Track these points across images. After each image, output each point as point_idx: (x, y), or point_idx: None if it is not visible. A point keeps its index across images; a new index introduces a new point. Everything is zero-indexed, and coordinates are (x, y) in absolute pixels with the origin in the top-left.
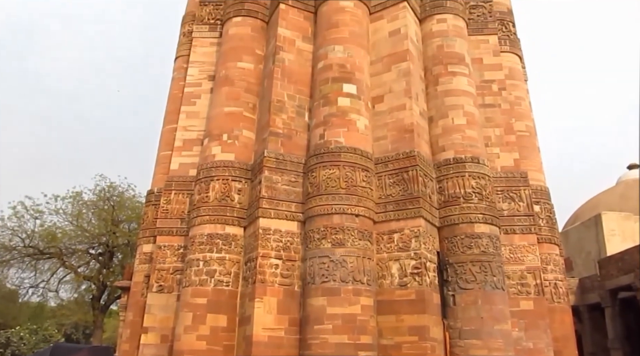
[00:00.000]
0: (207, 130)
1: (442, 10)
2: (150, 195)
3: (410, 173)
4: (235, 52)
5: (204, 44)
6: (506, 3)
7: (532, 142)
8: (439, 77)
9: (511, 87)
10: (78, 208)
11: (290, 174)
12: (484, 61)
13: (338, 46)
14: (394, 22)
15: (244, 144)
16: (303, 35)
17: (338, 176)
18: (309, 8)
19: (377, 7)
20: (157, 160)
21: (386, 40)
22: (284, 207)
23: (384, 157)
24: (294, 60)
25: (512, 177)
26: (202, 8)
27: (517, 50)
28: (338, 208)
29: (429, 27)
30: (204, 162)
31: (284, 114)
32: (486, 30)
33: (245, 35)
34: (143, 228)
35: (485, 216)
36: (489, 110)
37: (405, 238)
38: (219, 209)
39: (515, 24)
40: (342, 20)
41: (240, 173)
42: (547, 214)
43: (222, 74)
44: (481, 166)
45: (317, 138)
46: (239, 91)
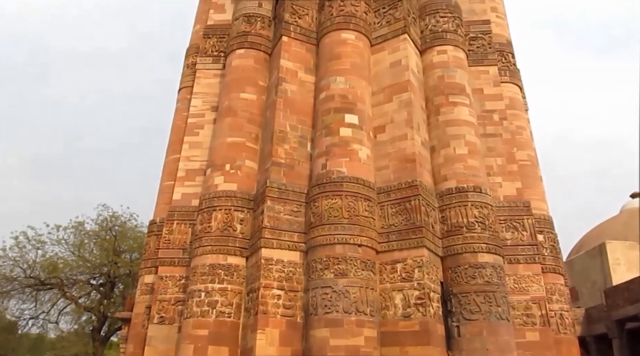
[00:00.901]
0: (210, 160)
1: (442, 42)
2: (152, 225)
3: (412, 203)
4: (238, 84)
5: (208, 76)
6: (505, 35)
7: (534, 171)
8: (440, 107)
9: (512, 117)
10: (80, 238)
11: (292, 204)
12: (484, 91)
13: (340, 77)
14: (395, 54)
15: (247, 174)
16: (305, 66)
17: (340, 206)
18: (311, 40)
19: (378, 39)
20: (160, 190)
21: (387, 71)
22: (286, 237)
23: (386, 187)
24: (296, 91)
25: (514, 206)
26: (206, 41)
27: (517, 80)
28: (340, 238)
29: (430, 58)
30: (207, 192)
31: (287, 144)
32: (486, 61)
33: (248, 66)
34: (145, 259)
35: (488, 245)
36: (490, 139)
37: (408, 268)
38: (221, 239)
39: (514, 55)
40: (343, 52)
41: (242, 203)
42: (551, 243)
43: (225, 105)
44: (484, 195)
45: (319, 168)
46: (242, 121)
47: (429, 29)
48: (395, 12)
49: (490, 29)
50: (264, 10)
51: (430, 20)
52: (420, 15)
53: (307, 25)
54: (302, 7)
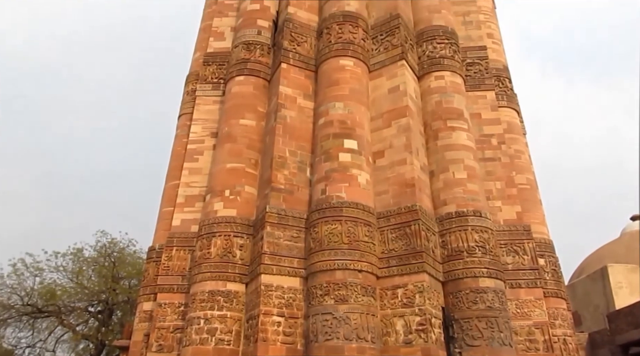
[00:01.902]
0: (209, 186)
1: (440, 67)
2: (151, 251)
3: (412, 228)
4: (237, 110)
5: (207, 102)
6: (501, 60)
7: (534, 194)
8: (439, 132)
9: (510, 141)
10: (79, 265)
11: (292, 229)
12: (482, 116)
13: (339, 103)
14: (393, 80)
15: (246, 200)
16: (304, 92)
17: (340, 231)
18: (310, 67)
19: (376, 65)
20: (159, 216)
21: (386, 97)
22: (286, 262)
23: (385, 212)
24: (296, 117)
25: (515, 230)
26: (206, 68)
27: (514, 105)
28: (341, 264)
29: (428, 83)
30: (206, 217)
31: (286, 170)
32: (483, 86)
33: (248, 93)
34: (144, 286)
35: (489, 270)
36: (489, 163)
37: (409, 293)
38: (221, 265)
39: (511, 80)
40: (342, 78)
41: (242, 229)
42: (553, 267)
43: (224, 131)
44: (484, 220)
45: (318, 194)
46: (241, 147)
47: (426, 55)
48: (392, 39)
49: (487, 55)
50: (263, 37)
51: (428, 46)
52: (418, 41)
53: (306, 52)
54: (301, 35)
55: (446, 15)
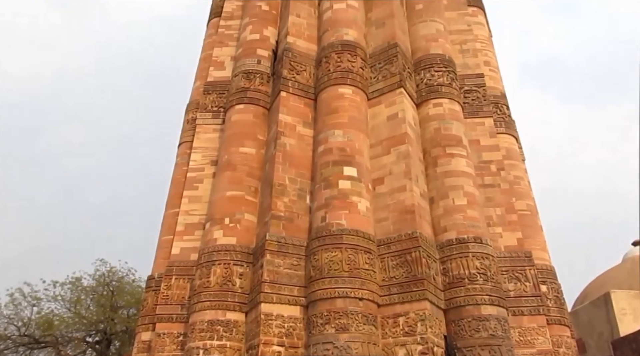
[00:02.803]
0: (209, 214)
1: (438, 95)
2: (150, 280)
3: (413, 255)
4: (237, 138)
5: (207, 130)
6: (499, 87)
7: (534, 220)
8: (438, 159)
9: (509, 167)
10: (77, 294)
11: (292, 257)
12: (481, 142)
13: (338, 130)
14: (391, 107)
15: (246, 228)
16: (304, 120)
17: (340, 259)
18: (309, 95)
19: (374, 93)
20: (159, 245)
21: (385, 124)
22: (286, 291)
23: (386, 239)
24: (295, 144)
25: (516, 257)
26: (206, 96)
27: (512, 131)
28: (341, 292)
29: (426, 111)
30: (206, 246)
31: (286, 197)
32: (481, 113)
33: (248, 121)
34: (142, 315)
35: (491, 297)
36: (489, 190)
37: (410, 322)
38: (220, 294)
39: (509, 107)
40: (341, 106)
41: (242, 257)
42: (555, 294)
43: (224, 159)
44: (484, 246)
45: (318, 221)
46: (241, 175)
47: (424, 83)
48: (390, 67)
49: (484, 82)
50: (262, 66)
51: (425, 74)
52: (415, 69)
53: (305, 81)
54: (300, 64)
55: (443, 44)
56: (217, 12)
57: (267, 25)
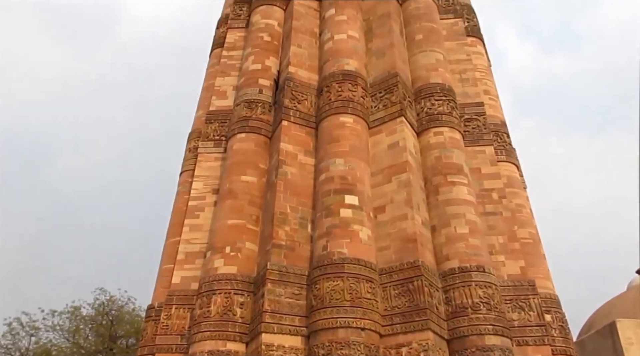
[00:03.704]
0: (210, 243)
1: (438, 123)
2: (150, 310)
3: (415, 284)
4: (239, 166)
5: (209, 159)
6: (499, 116)
7: (537, 249)
8: (439, 187)
9: (511, 195)
10: (76, 323)
11: (293, 286)
12: (482, 170)
13: (339, 159)
14: (392, 136)
15: (247, 256)
16: (305, 149)
17: (342, 288)
18: (310, 124)
19: (375, 122)
20: (159, 274)
21: (386, 153)
22: (287, 321)
23: (388, 268)
24: (296, 173)
25: (519, 286)
26: (208, 125)
27: (513, 159)
28: (343, 322)
29: (427, 139)
30: (206, 275)
31: (287, 226)
32: (482, 141)
33: (249, 150)
34: (142, 345)
35: (495, 327)
36: (490, 218)
37: (413, 352)
38: (221, 324)
39: (509, 135)
40: (342, 135)
41: (242, 287)
42: (560, 323)
43: (226, 187)
44: (487, 275)
45: (320, 250)
46: (243, 204)
47: (425, 112)
48: (391, 96)
49: (484, 111)
50: (264, 96)
51: (426, 103)
52: (416, 98)
53: (306, 110)
54: (301, 93)
55: (443, 73)
56: (219, 43)
57: (269, 55)
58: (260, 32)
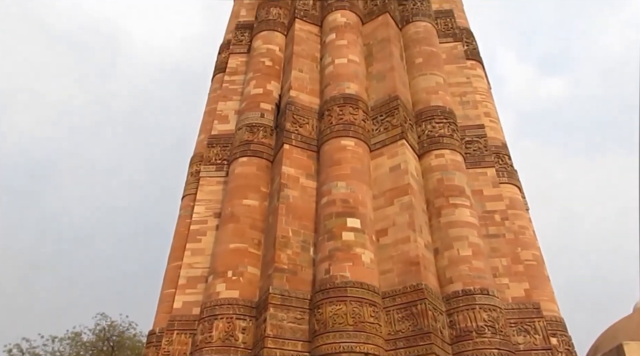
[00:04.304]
0: (212, 267)
1: (440, 146)
2: (151, 335)
3: (419, 308)
4: (240, 190)
5: (211, 183)
6: (500, 138)
7: (541, 271)
8: (441, 209)
9: (513, 217)
10: (76, 350)
11: (295, 311)
12: (484, 192)
13: (341, 182)
14: (394, 159)
15: (249, 281)
16: (307, 172)
17: (345, 312)
18: (312, 148)
19: (376, 145)
20: (161, 299)
21: (387, 176)
22: (289, 346)
23: (391, 291)
24: (298, 196)
25: (524, 308)
26: (210, 149)
27: (515, 181)
28: (346, 347)
29: (428, 161)
30: (208, 299)
31: (289, 250)
32: (483, 163)
33: (251, 174)
34: None
35: (500, 351)
36: (493, 240)
37: None
38: (223, 350)
39: (510, 157)
40: (344, 158)
41: (244, 311)
42: (566, 347)
43: (227, 211)
44: (491, 298)
45: (322, 273)
46: (245, 228)
47: (426, 134)
48: (392, 120)
49: (485, 133)
50: (266, 120)
51: (427, 126)
52: (417, 121)
53: (308, 133)
54: (303, 117)
55: (443, 96)
56: (221, 68)
57: (271, 79)
58: (261, 57)
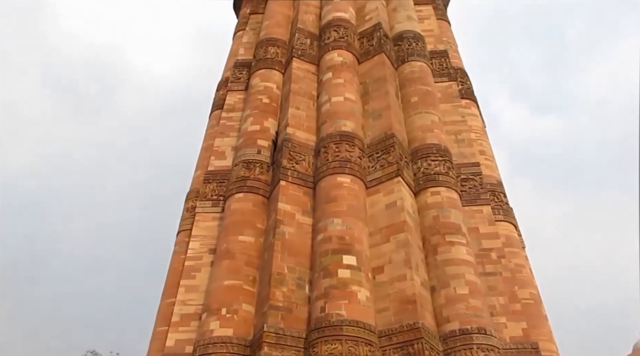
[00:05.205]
0: (206, 304)
1: (435, 183)
2: None
3: (416, 347)
4: (236, 226)
5: (207, 219)
6: (495, 175)
7: (539, 309)
8: (438, 247)
9: (510, 255)
10: None
11: (290, 350)
12: (480, 230)
13: (337, 219)
14: (390, 196)
15: (243, 318)
16: (303, 209)
17: (340, 351)
18: (308, 184)
19: (372, 182)
20: (153, 336)
21: (383, 213)
22: None
23: (387, 330)
24: (294, 233)
25: (522, 348)
26: (206, 185)
27: (511, 219)
28: None
29: (424, 199)
30: (201, 337)
31: (284, 287)
32: (479, 201)
33: (247, 210)
34: None
35: None
36: (490, 278)
37: None
38: None
39: (506, 195)
40: (340, 195)
41: (238, 350)
42: None
43: (223, 247)
44: (489, 337)
45: (318, 311)
46: (240, 264)
47: (422, 172)
48: (388, 157)
49: (481, 171)
50: (262, 156)
51: (422, 163)
52: (412, 159)
53: (304, 170)
54: (299, 153)
55: (439, 134)
56: (219, 105)
57: (268, 116)
58: (259, 95)
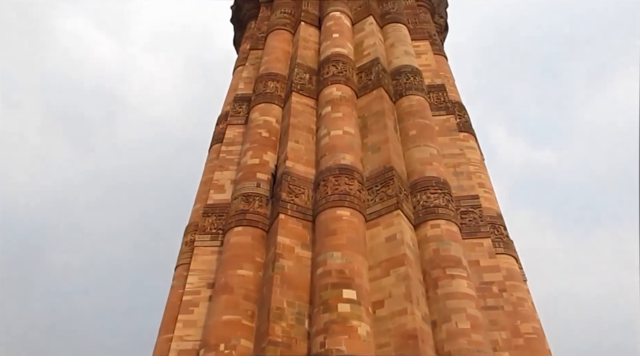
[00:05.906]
0: (204, 340)
1: (435, 216)
2: None
3: None
4: (235, 260)
5: (205, 252)
6: (494, 208)
7: (542, 344)
8: (438, 281)
9: (512, 288)
10: None
11: None
12: (480, 263)
13: (337, 252)
14: (389, 229)
15: (242, 354)
16: (302, 242)
17: None
18: (307, 217)
19: (372, 215)
20: None
21: (383, 246)
22: None
23: None
24: (293, 266)
25: None
26: (205, 219)
27: (512, 251)
28: None
29: (424, 232)
30: None
31: (283, 322)
32: (479, 233)
33: (246, 243)
34: None
35: None
36: (492, 312)
37: None
38: None
39: (506, 227)
40: (339, 228)
41: None
42: None
43: (221, 282)
44: None
45: (317, 347)
46: (238, 299)
47: (421, 205)
48: (387, 190)
49: (480, 203)
50: (261, 190)
51: (422, 196)
52: (412, 192)
53: (304, 203)
54: (299, 187)
55: (438, 167)
56: (218, 139)
57: (267, 150)
58: (258, 129)
